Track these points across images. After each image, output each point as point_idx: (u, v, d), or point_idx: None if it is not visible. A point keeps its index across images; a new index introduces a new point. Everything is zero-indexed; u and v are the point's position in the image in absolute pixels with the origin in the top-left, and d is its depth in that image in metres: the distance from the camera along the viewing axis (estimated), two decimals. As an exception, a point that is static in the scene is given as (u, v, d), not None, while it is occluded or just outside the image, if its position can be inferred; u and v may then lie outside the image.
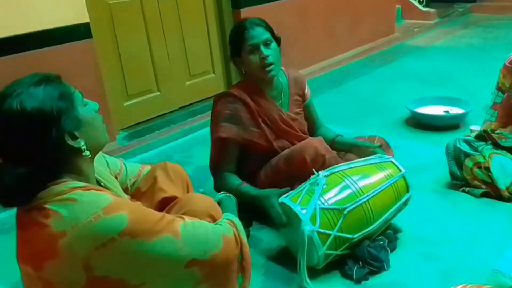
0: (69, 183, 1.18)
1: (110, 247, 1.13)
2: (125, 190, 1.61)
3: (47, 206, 1.14)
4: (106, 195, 1.19)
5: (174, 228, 1.23)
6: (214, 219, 1.45)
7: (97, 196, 1.17)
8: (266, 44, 2.06)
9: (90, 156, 1.22)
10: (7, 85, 1.17)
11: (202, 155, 2.27)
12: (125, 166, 1.67)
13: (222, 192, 1.78)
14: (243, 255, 1.41)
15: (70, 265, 1.13)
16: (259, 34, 2.06)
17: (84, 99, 1.26)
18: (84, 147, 1.20)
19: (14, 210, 1.24)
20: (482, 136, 2.28)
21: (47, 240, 1.13)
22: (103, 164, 1.54)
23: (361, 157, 2.04)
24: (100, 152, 1.56)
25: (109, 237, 1.13)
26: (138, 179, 1.67)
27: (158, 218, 1.22)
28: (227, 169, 2.14)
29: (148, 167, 1.73)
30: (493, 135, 2.26)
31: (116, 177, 1.58)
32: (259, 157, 2.16)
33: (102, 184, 1.40)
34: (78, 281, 1.14)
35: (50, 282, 1.16)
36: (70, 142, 1.17)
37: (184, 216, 1.31)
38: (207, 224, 1.34)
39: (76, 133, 1.19)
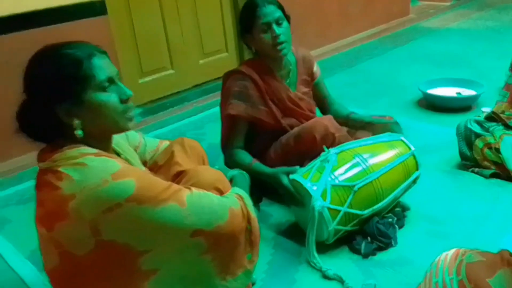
0: (82, 149, 1.22)
1: (116, 212, 1.17)
2: (144, 163, 1.64)
3: (60, 169, 1.18)
4: (116, 162, 1.22)
5: (181, 198, 1.25)
6: (221, 192, 1.46)
7: (107, 162, 1.20)
8: (278, 22, 2.05)
9: (82, 136, 1.23)
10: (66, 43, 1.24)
11: (215, 133, 2.30)
12: (144, 140, 1.69)
13: (235, 169, 1.81)
14: (251, 229, 1.43)
15: (78, 227, 1.17)
16: (272, 12, 2.05)
17: (115, 85, 1.26)
18: (79, 126, 1.22)
19: (31, 183, 1.29)
20: (492, 117, 2.28)
21: (58, 202, 1.17)
22: (122, 137, 1.55)
23: (374, 135, 2.05)
24: None
25: (115, 202, 1.16)
26: (156, 153, 1.70)
27: (165, 186, 1.25)
28: (237, 145, 2.16)
29: (166, 142, 1.75)
30: (502, 116, 2.26)
31: (135, 150, 1.61)
32: (268, 134, 2.18)
33: (122, 156, 1.43)
34: (87, 244, 1.18)
35: (61, 243, 1.21)
36: (63, 116, 1.21)
37: (191, 187, 1.33)
38: (213, 196, 1.35)
39: (74, 111, 1.21)
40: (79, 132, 1.23)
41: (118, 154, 1.42)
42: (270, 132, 2.17)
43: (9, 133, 1.26)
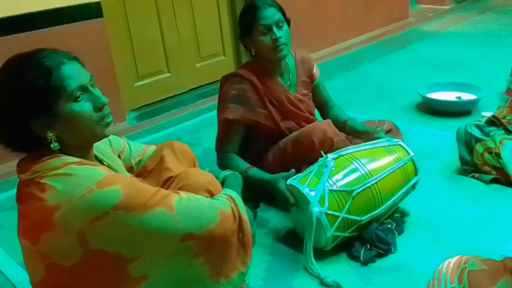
0: (63, 158, 1.19)
1: (104, 221, 1.14)
2: (130, 169, 1.61)
3: (43, 181, 1.15)
4: (100, 170, 1.19)
5: (169, 203, 1.23)
6: (212, 194, 1.44)
7: (91, 171, 1.17)
8: (278, 25, 2.03)
9: (58, 148, 1.19)
10: (38, 51, 1.19)
11: (211, 137, 2.27)
12: (129, 145, 1.66)
13: (227, 170, 1.78)
14: (243, 231, 1.41)
15: (65, 238, 1.15)
16: (272, 14, 2.03)
17: (89, 93, 1.21)
18: (54, 138, 1.19)
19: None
20: (492, 122, 2.26)
21: (43, 213, 1.14)
22: (105, 142, 1.53)
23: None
24: None
25: (102, 211, 1.14)
26: (143, 158, 1.66)
27: (153, 192, 1.22)
28: (232, 149, 2.14)
29: (153, 147, 1.71)
30: (503, 120, 2.23)
31: (119, 156, 1.58)
32: (266, 138, 2.15)
33: (104, 163, 1.40)
34: (74, 254, 1.16)
35: (47, 255, 1.18)
36: (37, 130, 1.18)
37: (179, 191, 1.31)
38: (202, 199, 1.33)
39: (49, 124, 1.17)
40: (54, 145, 1.19)
41: (101, 161, 1.39)
42: (268, 136, 2.15)
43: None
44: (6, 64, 1.19)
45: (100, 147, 1.43)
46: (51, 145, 1.19)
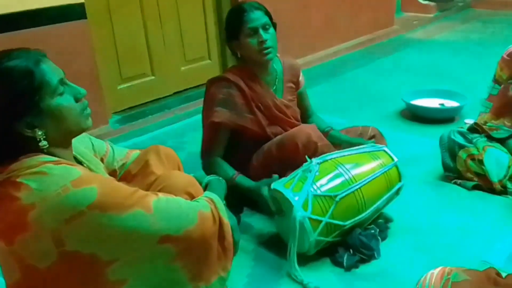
0: (40, 157, 1.17)
1: (79, 221, 1.12)
2: (113, 173, 1.59)
3: (19, 180, 1.13)
4: (77, 169, 1.17)
5: (147, 203, 1.22)
6: (192, 197, 1.43)
7: (67, 170, 1.16)
8: (265, 28, 2.04)
9: (47, 146, 1.18)
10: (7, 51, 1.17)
11: (195, 141, 2.26)
12: (112, 148, 1.64)
13: (212, 175, 1.76)
14: (224, 234, 1.39)
15: (40, 238, 1.12)
16: (259, 17, 2.04)
17: (68, 86, 1.22)
18: (42, 137, 1.17)
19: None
20: (474, 129, 2.28)
21: (18, 213, 1.12)
22: (88, 146, 1.51)
23: None
24: (86, 134, 1.54)
25: (78, 210, 1.12)
26: (127, 161, 1.64)
27: (130, 192, 1.21)
28: (218, 154, 2.13)
29: (137, 151, 1.70)
30: (484, 127, 2.25)
31: (102, 159, 1.56)
32: (251, 142, 2.14)
33: (84, 165, 1.38)
34: (49, 256, 1.14)
35: (22, 257, 1.15)
36: (24, 131, 1.16)
37: (158, 193, 1.30)
38: (181, 200, 1.32)
39: (36, 123, 1.16)
40: (43, 143, 1.18)
41: (80, 163, 1.37)
42: (254, 140, 2.14)
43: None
44: None
45: (80, 149, 1.41)
46: (40, 144, 1.17)
